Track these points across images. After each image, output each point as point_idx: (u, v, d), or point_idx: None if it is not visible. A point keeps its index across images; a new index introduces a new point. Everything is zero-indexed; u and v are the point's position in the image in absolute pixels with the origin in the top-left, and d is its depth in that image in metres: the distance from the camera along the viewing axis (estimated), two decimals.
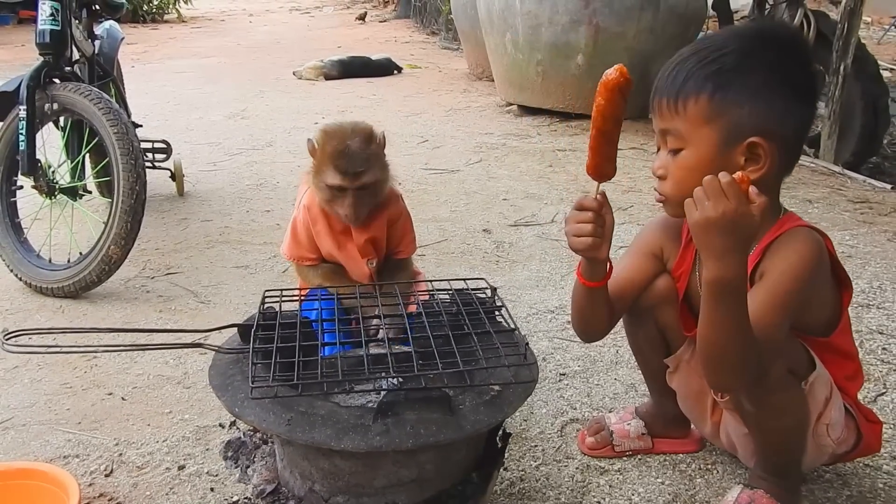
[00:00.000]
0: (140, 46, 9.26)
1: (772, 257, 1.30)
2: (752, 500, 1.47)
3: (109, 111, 2.49)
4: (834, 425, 1.42)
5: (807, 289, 1.29)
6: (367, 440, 1.12)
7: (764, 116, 1.26)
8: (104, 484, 1.64)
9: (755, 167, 1.28)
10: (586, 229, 1.32)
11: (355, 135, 1.71)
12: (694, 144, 1.29)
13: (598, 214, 1.32)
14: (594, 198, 1.33)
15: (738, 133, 1.27)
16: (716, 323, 1.21)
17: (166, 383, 2.04)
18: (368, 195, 1.74)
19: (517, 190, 3.78)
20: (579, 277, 1.44)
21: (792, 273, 1.27)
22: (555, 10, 4.90)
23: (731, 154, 1.28)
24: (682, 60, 1.31)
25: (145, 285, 2.68)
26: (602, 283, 1.43)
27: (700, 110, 1.28)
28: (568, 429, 1.84)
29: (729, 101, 1.26)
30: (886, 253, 2.90)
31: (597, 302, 1.47)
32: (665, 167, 1.34)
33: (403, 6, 12.39)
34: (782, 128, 1.29)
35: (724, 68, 1.27)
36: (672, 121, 1.31)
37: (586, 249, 1.34)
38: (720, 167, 1.25)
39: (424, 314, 1.38)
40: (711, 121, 1.27)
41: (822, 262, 1.32)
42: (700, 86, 1.27)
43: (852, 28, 4.13)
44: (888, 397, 1.95)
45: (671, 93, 1.30)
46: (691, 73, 1.28)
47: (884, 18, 10.02)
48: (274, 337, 1.28)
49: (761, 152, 1.27)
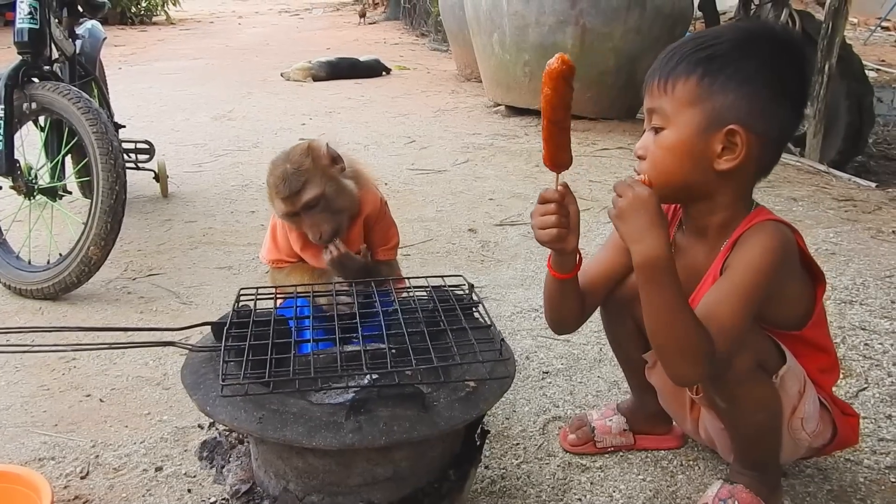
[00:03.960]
0: (128, 48, 9.23)
1: (737, 250, 1.31)
2: (732, 494, 1.47)
3: (88, 110, 2.46)
4: (808, 419, 1.42)
5: (770, 281, 1.29)
6: (339, 437, 1.10)
7: (747, 107, 1.27)
8: (79, 486, 1.62)
9: (731, 156, 1.28)
10: (550, 220, 1.32)
11: (287, 157, 1.71)
12: (676, 125, 1.30)
13: (560, 205, 1.32)
14: (556, 189, 1.33)
15: (720, 119, 1.27)
16: (654, 308, 1.25)
17: (145, 385, 2.02)
18: (322, 211, 1.71)
19: (503, 190, 3.77)
20: (550, 269, 1.43)
21: (754, 265, 1.28)
22: (541, 11, 4.90)
23: (710, 139, 1.28)
24: (679, 45, 1.33)
25: (126, 286, 2.65)
26: (572, 274, 1.42)
27: (687, 92, 1.29)
28: (550, 427, 1.83)
29: (716, 87, 1.27)
30: (869, 250, 2.91)
31: (567, 294, 1.46)
32: (646, 147, 1.34)
33: (393, 8, 12.40)
34: (765, 123, 1.29)
35: (717, 55, 1.28)
36: (660, 99, 1.32)
37: (552, 241, 1.34)
38: (698, 150, 1.28)
39: (400, 311, 1.36)
40: (696, 103, 1.28)
41: (789, 256, 1.32)
42: (691, 69, 1.29)
43: (837, 28, 4.15)
44: (869, 392, 1.95)
45: (663, 73, 1.31)
46: (684, 56, 1.30)
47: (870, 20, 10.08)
48: (247, 335, 1.27)
49: (739, 141, 1.27)
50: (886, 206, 3.49)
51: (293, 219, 1.72)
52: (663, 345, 1.27)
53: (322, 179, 1.70)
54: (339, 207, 1.74)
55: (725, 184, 1.33)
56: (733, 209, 1.36)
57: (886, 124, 5.49)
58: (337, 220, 1.73)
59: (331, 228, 1.71)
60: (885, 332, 2.26)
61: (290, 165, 1.68)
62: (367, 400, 1.13)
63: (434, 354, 1.22)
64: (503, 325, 2.34)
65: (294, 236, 1.80)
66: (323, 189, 1.70)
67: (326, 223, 1.71)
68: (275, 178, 1.69)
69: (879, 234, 3.10)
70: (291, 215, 1.70)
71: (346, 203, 1.75)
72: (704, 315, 1.26)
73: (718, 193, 1.34)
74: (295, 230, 1.76)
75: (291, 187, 1.67)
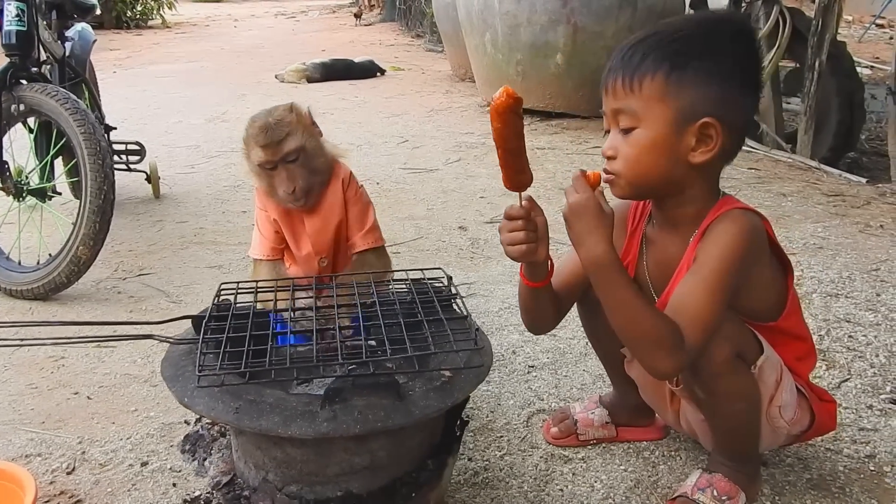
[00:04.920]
0: (123, 52, 9.25)
1: (705, 240, 1.32)
2: (711, 483, 1.48)
3: (76, 111, 2.48)
4: (786, 407, 1.43)
5: (739, 269, 1.29)
6: (314, 426, 1.12)
7: (717, 98, 1.27)
8: (65, 482, 1.63)
9: (705, 148, 1.29)
10: (519, 237, 1.33)
11: (270, 112, 1.72)
12: (648, 123, 1.29)
13: (528, 221, 1.33)
14: (520, 206, 1.33)
15: (693, 113, 1.27)
16: (611, 307, 1.27)
17: (133, 382, 2.03)
18: (301, 167, 1.71)
19: (495, 188, 3.78)
20: (523, 278, 1.45)
21: (721, 254, 1.28)
22: (533, 10, 4.92)
23: (684, 134, 1.29)
24: (638, 41, 1.31)
25: (117, 286, 2.67)
26: (545, 282, 1.44)
27: (656, 88, 1.28)
28: (534, 419, 1.85)
29: (685, 82, 1.27)
30: (857, 244, 2.92)
31: (542, 300, 1.48)
32: (615, 147, 1.33)
33: (389, 9, 12.42)
34: (733, 113, 1.30)
35: (681, 49, 1.28)
36: (626, 99, 1.30)
37: (523, 256, 1.35)
38: (672, 146, 1.28)
39: (378, 304, 1.38)
40: (666, 99, 1.28)
41: (757, 242, 1.33)
42: (657, 65, 1.27)
43: (827, 24, 4.16)
44: (852, 383, 1.96)
45: (627, 71, 1.30)
46: (648, 52, 1.28)
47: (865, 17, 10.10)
48: (225, 328, 1.28)
49: (713, 133, 1.28)
50: (875, 201, 3.51)
51: (268, 171, 1.70)
52: (630, 340, 1.29)
53: (303, 134, 1.72)
54: (316, 167, 1.75)
55: (697, 176, 1.34)
56: (703, 200, 1.37)
57: (879, 121, 5.50)
58: (311, 180, 1.74)
59: (304, 186, 1.71)
60: (869, 324, 2.27)
61: (273, 118, 1.69)
62: (342, 389, 1.14)
63: (410, 345, 1.24)
64: (490, 321, 2.36)
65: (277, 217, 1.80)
66: (304, 143, 1.71)
67: (302, 179, 1.71)
68: (255, 128, 1.69)
69: (867, 229, 3.11)
70: (267, 166, 1.69)
71: (321, 164, 1.76)
72: (675, 306, 1.27)
73: (690, 186, 1.35)
74: (265, 186, 1.73)
75: (274, 136, 1.68)
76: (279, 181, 1.70)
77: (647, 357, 1.27)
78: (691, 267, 1.31)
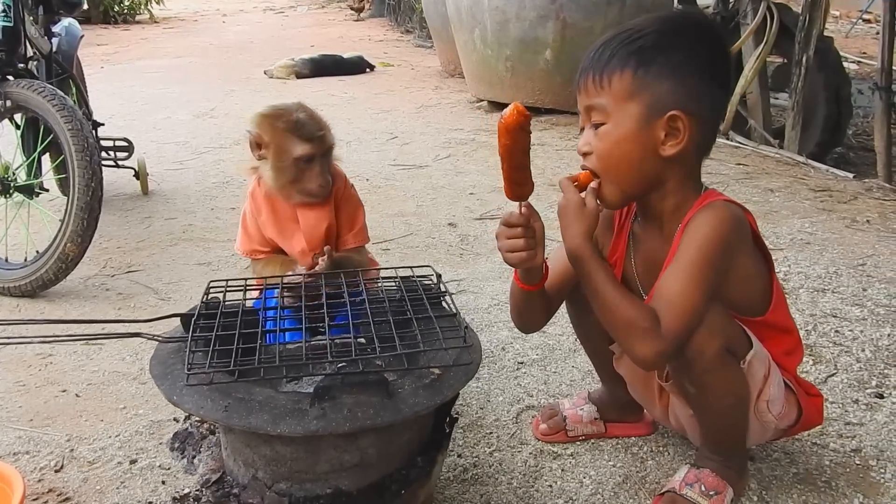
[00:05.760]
0: (111, 47, 9.18)
1: (687, 232, 1.34)
2: (699, 478, 1.49)
3: (63, 107, 2.47)
4: (774, 401, 1.44)
5: (721, 257, 1.32)
6: (303, 424, 1.12)
7: (683, 92, 1.31)
8: (54, 479, 1.62)
9: (675, 141, 1.32)
10: (519, 244, 1.35)
11: (298, 106, 1.73)
12: (617, 118, 1.33)
13: (526, 228, 1.34)
14: (519, 213, 1.35)
15: (660, 107, 1.31)
16: (591, 294, 1.35)
17: (122, 380, 2.03)
18: (329, 162, 1.75)
19: (484, 184, 3.79)
20: (517, 281, 1.46)
21: (701, 242, 1.31)
22: (522, 6, 4.91)
23: (653, 128, 1.32)
24: (607, 40, 1.35)
25: (105, 283, 2.66)
26: (540, 285, 1.46)
27: (624, 85, 1.32)
28: (524, 416, 1.85)
29: (651, 77, 1.31)
30: (844, 239, 2.94)
31: (535, 302, 1.50)
32: (589, 143, 1.37)
33: (378, 5, 12.37)
34: (699, 105, 1.33)
35: (646, 46, 1.31)
36: (597, 96, 1.34)
37: (521, 262, 1.37)
38: (642, 140, 1.32)
39: (367, 301, 1.38)
40: (634, 95, 1.32)
41: (739, 233, 1.35)
42: (624, 62, 1.32)
43: (814, 20, 4.17)
44: (838, 378, 1.97)
45: (597, 69, 1.34)
46: (615, 51, 1.33)
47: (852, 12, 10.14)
48: (214, 326, 1.28)
49: (681, 126, 1.31)
50: (862, 196, 3.53)
51: (306, 164, 1.70)
52: (609, 326, 1.35)
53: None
54: (332, 167, 1.78)
55: (672, 168, 1.36)
56: (682, 193, 1.39)
57: (866, 116, 5.52)
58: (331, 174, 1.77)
59: (330, 182, 1.74)
60: (855, 319, 2.29)
61: (306, 113, 1.72)
62: (331, 387, 1.14)
63: (399, 343, 1.24)
64: (480, 317, 2.36)
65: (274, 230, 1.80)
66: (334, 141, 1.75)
67: (329, 175, 1.74)
68: (293, 122, 1.69)
69: (854, 224, 3.13)
70: (307, 159, 1.70)
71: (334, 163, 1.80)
72: (655, 294, 1.32)
73: (667, 179, 1.38)
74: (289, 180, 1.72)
75: (316, 130, 1.70)
76: (314, 175, 1.71)
77: (626, 342, 1.32)
78: (674, 257, 1.33)
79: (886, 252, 2.81)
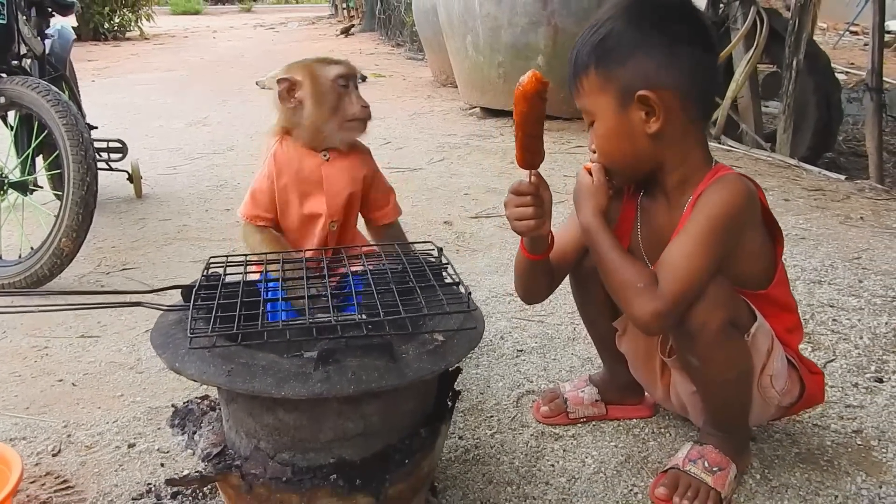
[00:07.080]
0: (101, 63, 9.20)
1: (698, 203, 1.35)
2: (702, 455, 1.48)
3: (58, 103, 2.46)
4: (777, 376, 1.44)
5: (730, 230, 1.32)
6: (307, 387, 1.11)
7: (645, 70, 1.32)
8: (51, 463, 1.60)
9: (654, 119, 1.34)
10: (528, 212, 1.36)
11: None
12: (599, 115, 1.38)
13: (536, 196, 1.36)
14: (529, 181, 1.36)
15: (628, 92, 1.33)
16: (597, 259, 1.40)
17: (118, 369, 2.01)
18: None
19: (478, 185, 3.80)
20: (523, 251, 1.48)
21: (711, 212, 1.32)
22: (514, 12, 4.95)
23: (629, 113, 1.35)
24: (576, 43, 1.40)
25: (100, 280, 2.64)
26: (545, 255, 1.48)
27: (592, 83, 1.37)
28: (524, 400, 1.85)
29: (612, 66, 1.34)
30: (838, 234, 2.96)
31: (539, 271, 1.52)
32: (592, 141, 1.44)
33: (368, 19, 12.46)
34: (668, 75, 1.32)
35: (602, 37, 1.34)
36: (580, 99, 1.41)
37: (529, 230, 1.39)
38: (626, 128, 1.36)
39: (370, 272, 1.37)
40: (604, 89, 1.35)
41: (749, 206, 1.35)
42: (586, 61, 1.36)
43: (804, 24, 4.22)
44: (837, 364, 1.98)
45: (572, 75, 1.40)
46: (579, 51, 1.38)
47: (839, 24, 10.27)
48: (216, 296, 1.27)
49: (653, 103, 1.32)
50: (855, 196, 3.56)
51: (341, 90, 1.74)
52: (611, 286, 1.37)
53: None
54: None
55: (665, 144, 1.37)
56: (686, 165, 1.40)
57: (856, 123, 5.58)
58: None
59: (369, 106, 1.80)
60: (852, 308, 2.30)
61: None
62: (335, 350, 1.13)
63: (402, 308, 1.23)
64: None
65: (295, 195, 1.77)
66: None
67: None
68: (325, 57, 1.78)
69: (848, 220, 3.15)
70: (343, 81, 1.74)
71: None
72: (661, 260, 1.33)
73: (665, 156, 1.39)
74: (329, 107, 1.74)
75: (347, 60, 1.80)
76: (354, 98, 1.75)
77: (624, 301, 1.34)
78: (683, 226, 1.33)
79: (881, 247, 2.83)
